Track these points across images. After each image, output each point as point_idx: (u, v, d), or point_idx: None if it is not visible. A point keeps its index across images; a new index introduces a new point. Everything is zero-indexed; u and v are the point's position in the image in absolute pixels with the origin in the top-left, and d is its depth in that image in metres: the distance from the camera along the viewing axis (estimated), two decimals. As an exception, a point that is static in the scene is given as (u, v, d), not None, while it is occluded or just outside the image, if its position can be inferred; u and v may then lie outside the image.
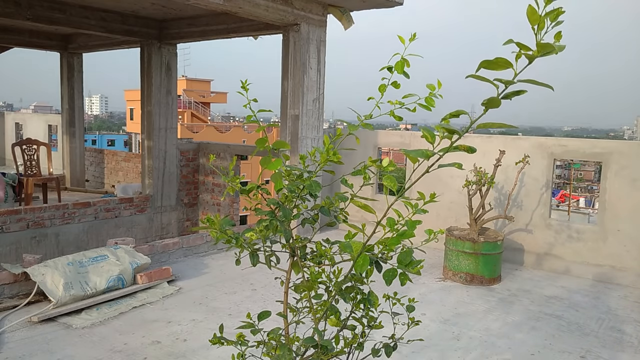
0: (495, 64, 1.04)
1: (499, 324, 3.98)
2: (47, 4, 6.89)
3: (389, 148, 7.42)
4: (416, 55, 1.45)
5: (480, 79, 1.04)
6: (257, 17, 5.80)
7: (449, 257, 5.10)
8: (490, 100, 1.09)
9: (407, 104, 1.51)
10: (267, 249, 1.76)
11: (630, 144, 5.50)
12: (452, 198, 6.04)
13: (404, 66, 1.47)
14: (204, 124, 37.72)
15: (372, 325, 1.91)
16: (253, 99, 1.65)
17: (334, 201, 1.69)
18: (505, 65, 1.03)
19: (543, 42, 0.99)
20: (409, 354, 3.34)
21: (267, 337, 1.82)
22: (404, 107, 1.53)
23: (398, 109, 1.54)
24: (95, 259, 4.31)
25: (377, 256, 1.56)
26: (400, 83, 1.52)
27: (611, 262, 5.15)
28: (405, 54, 1.46)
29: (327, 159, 1.58)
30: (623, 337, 3.80)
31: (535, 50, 1.01)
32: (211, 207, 9.02)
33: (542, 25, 0.98)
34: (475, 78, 1.04)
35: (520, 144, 5.69)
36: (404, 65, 1.47)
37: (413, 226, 1.47)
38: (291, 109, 6.35)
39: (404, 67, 1.47)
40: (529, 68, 1.04)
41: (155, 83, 8.34)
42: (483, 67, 1.04)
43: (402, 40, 1.43)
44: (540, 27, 0.98)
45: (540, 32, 0.99)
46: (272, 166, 1.58)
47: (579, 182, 19.73)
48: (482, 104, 1.09)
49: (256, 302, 4.20)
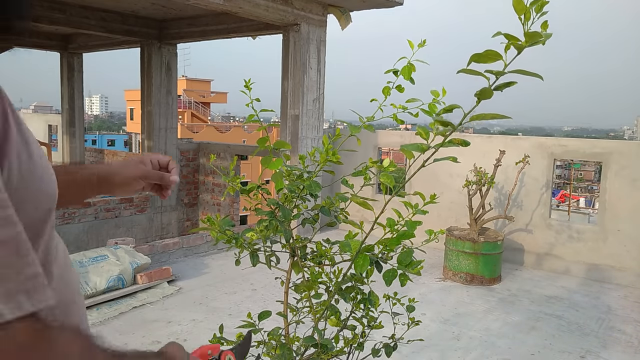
0: (486, 56, 1.04)
1: (499, 324, 3.98)
2: (47, 4, 6.89)
3: (389, 148, 7.42)
4: (422, 61, 1.44)
5: (472, 73, 1.05)
6: (257, 17, 5.80)
7: (449, 257, 5.10)
8: (482, 91, 1.10)
9: (410, 108, 1.51)
10: (267, 249, 1.76)
11: (631, 144, 5.51)
12: (452, 198, 6.04)
13: (411, 72, 1.47)
14: (204, 124, 37.72)
15: (372, 325, 1.91)
16: (255, 99, 1.65)
17: (335, 201, 1.69)
18: (495, 57, 1.03)
19: (530, 31, 1.00)
20: (409, 354, 3.34)
21: (267, 337, 1.82)
22: (406, 112, 1.53)
23: (400, 113, 1.54)
24: (95, 259, 4.31)
25: (377, 256, 1.56)
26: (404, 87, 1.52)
27: (611, 262, 5.15)
28: (413, 59, 1.46)
29: (327, 159, 1.58)
30: (623, 337, 3.80)
31: (523, 41, 1.02)
32: (211, 207, 9.02)
33: (528, 16, 1.00)
34: (466, 72, 1.04)
35: (520, 144, 5.69)
36: (411, 71, 1.47)
37: (413, 227, 1.47)
38: (291, 109, 6.35)
39: (410, 73, 1.47)
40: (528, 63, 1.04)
41: (156, 83, 8.34)
42: (474, 61, 1.05)
43: (411, 45, 1.42)
44: (527, 17, 1.00)
45: (527, 23, 1.00)
46: (273, 166, 1.58)
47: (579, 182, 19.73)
48: (475, 95, 1.10)
49: (256, 302, 4.20)
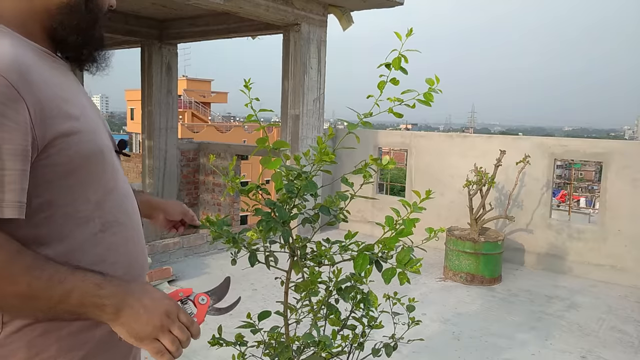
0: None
1: (500, 324, 3.98)
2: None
3: (389, 148, 7.41)
4: (414, 50, 1.44)
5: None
6: (258, 17, 5.80)
7: (449, 257, 5.10)
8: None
9: (406, 100, 1.51)
10: (266, 249, 1.75)
11: (631, 144, 5.50)
12: (453, 198, 6.04)
13: (401, 62, 1.47)
14: (205, 124, 37.71)
15: (372, 325, 1.91)
16: (255, 98, 1.65)
17: (335, 200, 1.69)
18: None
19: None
20: (410, 353, 3.34)
21: (267, 337, 1.82)
22: (403, 104, 1.53)
23: (397, 106, 1.54)
24: (96, 259, 4.31)
25: (377, 255, 1.56)
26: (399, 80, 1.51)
27: (612, 262, 5.15)
28: (403, 50, 1.46)
29: (321, 159, 1.58)
30: (624, 337, 3.80)
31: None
32: (212, 207, 9.01)
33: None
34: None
35: (520, 144, 5.69)
36: (401, 61, 1.47)
37: (410, 225, 1.47)
38: (292, 108, 6.35)
39: (400, 63, 1.47)
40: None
41: (156, 83, 8.34)
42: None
43: (398, 37, 1.43)
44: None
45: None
46: (272, 165, 1.58)
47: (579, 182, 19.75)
48: None
49: (257, 302, 4.20)
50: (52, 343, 0.90)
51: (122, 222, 1.02)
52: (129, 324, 0.87)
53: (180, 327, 0.92)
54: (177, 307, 0.94)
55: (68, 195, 0.91)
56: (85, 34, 1.00)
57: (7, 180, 0.80)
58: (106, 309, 0.86)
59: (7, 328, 0.87)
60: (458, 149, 6.11)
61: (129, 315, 0.87)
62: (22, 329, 0.88)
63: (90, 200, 0.95)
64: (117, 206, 1.01)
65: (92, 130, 0.96)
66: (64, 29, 0.97)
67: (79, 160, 0.91)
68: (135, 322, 0.87)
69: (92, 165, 0.95)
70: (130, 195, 1.09)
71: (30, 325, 0.88)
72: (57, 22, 0.96)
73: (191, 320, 0.95)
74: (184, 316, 0.94)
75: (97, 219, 0.96)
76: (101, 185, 0.97)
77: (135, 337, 0.88)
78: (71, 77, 1.02)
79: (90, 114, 0.99)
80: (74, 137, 0.90)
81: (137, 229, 1.08)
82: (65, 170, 0.90)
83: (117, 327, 0.88)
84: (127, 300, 0.88)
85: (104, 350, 0.96)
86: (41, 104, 0.85)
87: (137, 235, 1.07)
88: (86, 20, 0.99)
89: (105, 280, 0.88)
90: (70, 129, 0.89)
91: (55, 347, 0.90)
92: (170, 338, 0.90)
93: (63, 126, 0.88)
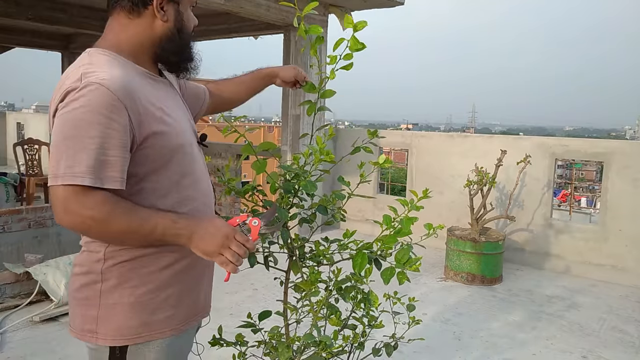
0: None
1: (500, 323, 3.97)
2: (49, 4, 6.90)
3: (390, 148, 7.41)
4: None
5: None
6: (259, 17, 5.80)
7: (450, 256, 5.10)
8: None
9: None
10: (265, 249, 1.75)
11: (632, 144, 5.49)
12: (454, 198, 6.03)
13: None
14: (205, 124, 37.70)
15: (372, 324, 1.91)
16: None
17: (331, 199, 1.69)
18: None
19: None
20: (410, 353, 3.33)
21: (267, 337, 1.82)
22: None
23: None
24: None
25: (376, 254, 1.56)
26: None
27: (613, 262, 5.14)
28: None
29: (320, 159, 1.58)
30: (625, 337, 3.79)
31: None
32: (212, 207, 9.01)
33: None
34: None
35: (521, 143, 5.68)
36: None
37: (408, 224, 1.47)
38: (292, 108, 6.36)
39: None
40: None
41: (157, 83, 8.33)
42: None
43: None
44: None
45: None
46: (260, 169, 1.61)
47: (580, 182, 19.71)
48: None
49: (257, 302, 4.20)
50: (135, 277, 1.26)
51: (195, 197, 1.33)
52: (198, 245, 1.21)
53: (237, 245, 1.21)
54: (233, 230, 1.22)
55: (154, 176, 1.25)
56: (181, 54, 1.36)
57: (112, 162, 1.13)
58: (181, 237, 1.20)
59: (107, 263, 1.25)
60: (459, 149, 6.11)
61: (198, 239, 1.20)
62: (116, 265, 1.24)
63: (170, 180, 1.27)
64: (191, 186, 1.33)
65: (177, 132, 1.28)
66: (165, 53, 1.33)
67: (164, 151, 1.25)
68: (203, 243, 1.20)
69: (174, 155, 1.27)
70: (205, 178, 1.40)
71: (121, 263, 1.25)
72: (160, 49, 1.32)
73: (246, 238, 1.23)
74: (240, 236, 1.23)
75: (174, 194, 1.28)
76: (179, 170, 1.29)
77: (205, 253, 1.21)
78: (170, 90, 1.38)
79: (179, 118, 1.33)
80: (163, 136, 1.23)
81: (208, 204, 1.40)
82: (154, 158, 1.23)
83: (192, 248, 1.21)
84: (195, 229, 1.20)
85: (169, 285, 1.31)
86: (139, 113, 1.18)
87: (207, 210, 1.39)
88: (180, 45, 1.35)
89: (180, 217, 1.22)
90: (160, 130, 1.23)
91: (137, 279, 1.26)
92: (231, 252, 1.21)
93: (154, 128, 1.21)
